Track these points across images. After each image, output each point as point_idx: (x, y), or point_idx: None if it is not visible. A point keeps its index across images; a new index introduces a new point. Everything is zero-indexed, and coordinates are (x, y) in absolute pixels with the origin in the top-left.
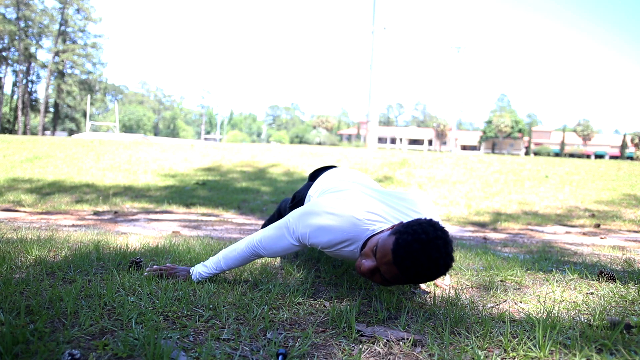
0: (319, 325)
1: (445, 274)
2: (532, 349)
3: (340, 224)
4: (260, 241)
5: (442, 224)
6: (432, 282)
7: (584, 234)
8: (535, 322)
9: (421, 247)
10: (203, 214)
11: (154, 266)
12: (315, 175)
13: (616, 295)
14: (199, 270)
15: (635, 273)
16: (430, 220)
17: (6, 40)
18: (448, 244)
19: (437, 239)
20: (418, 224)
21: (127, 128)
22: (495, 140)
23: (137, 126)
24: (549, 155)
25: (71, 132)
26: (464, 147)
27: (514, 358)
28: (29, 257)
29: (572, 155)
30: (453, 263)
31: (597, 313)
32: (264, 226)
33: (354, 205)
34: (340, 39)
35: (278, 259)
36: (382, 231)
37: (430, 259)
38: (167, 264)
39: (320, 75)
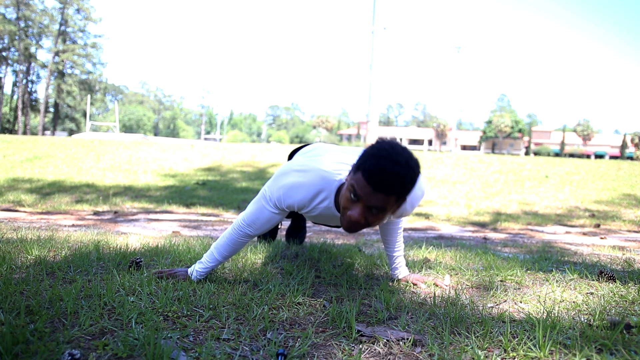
0: (319, 325)
1: (416, 175)
2: (532, 349)
3: (309, 179)
4: (244, 219)
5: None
6: (432, 282)
7: (584, 234)
8: (535, 322)
9: (388, 148)
10: (203, 214)
11: (153, 270)
12: (293, 154)
13: (616, 295)
14: (196, 268)
15: (635, 273)
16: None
17: (6, 40)
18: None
19: (397, 146)
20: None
21: (127, 128)
22: (495, 140)
23: (137, 126)
24: (549, 155)
25: (71, 132)
26: (464, 147)
27: (514, 358)
28: (29, 257)
29: (572, 155)
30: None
31: (597, 313)
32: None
33: (320, 159)
34: (340, 39)
35: (278, 259)
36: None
37: (394, 158)
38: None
39: (320, 75)
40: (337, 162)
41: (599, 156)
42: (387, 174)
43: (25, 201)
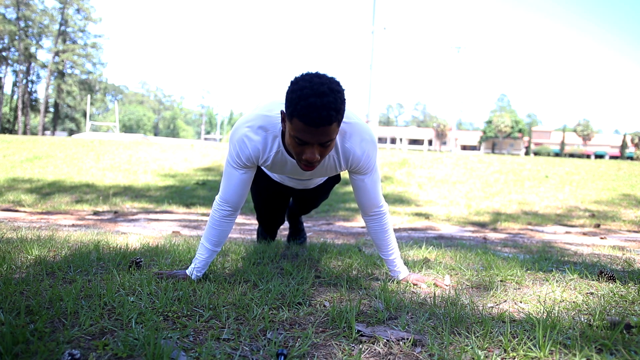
0: (319, 325)
1: (341, 102)
2: (532, 349)
3: (258, 125)
4: (219, 196)
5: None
6: (432, 282)
7: (584, 234)
8: (535, 322)
9: (308, 84)
10: (203, 214)
11: (153, 271)
12: None
13: (616, 295)
14: (193, 266)
15: (635, 273)
16: None
17: (6, 40)
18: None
19: (313, 77)
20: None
21: (127, 128)
22: (495, 140)
23: (137, 126)
24: (549, 155)
25: (71, 132)
26: (464, 147)
27: (514, 358)
28: (29, 257)
29: (572, 155)
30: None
31: (597, 313)
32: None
33: (264, 107)
34: (340, 39)
35: (278, 259)
36: (283, 122)
37: (316, 87)
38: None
39: None
40: (279, 105)
41: (599, 156)
42: (319, 108)
43: (25, 201)
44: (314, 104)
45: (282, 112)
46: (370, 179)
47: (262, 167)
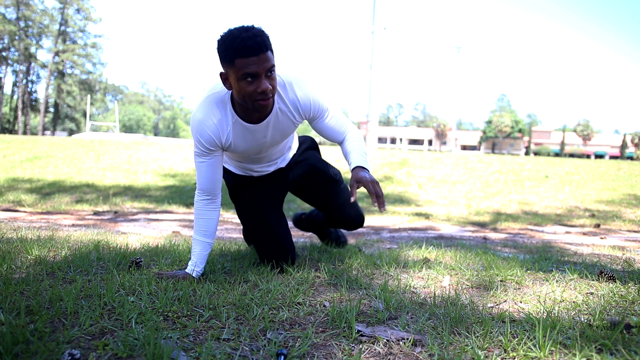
0: (319, 325)
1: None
2: (532, 349)
3: (206, 108)
4: (197, 187)
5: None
6: (368, 182)
7: (584, 234)
8: (535, 322)
9: (231, 29)
10: None
11: (153, 271)
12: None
13: (616, 295)
14: (190, 264)
15: (635, 273)
16: None
17: (6, 40)
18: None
19: (232, 28)
20: None
21: (127, 128)
22: (495, 140)
23: (137, 126)
24: (549, 155)
25: (71, 132)
26: (464, 147)
27: (514, 358)
28: (29, 257)
29: (572, 155)
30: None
31: (597, 313)
32: (244, 236)
33: (208, 91)
34: (340, 39)
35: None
36: (225, 75)
37: (242, 29)
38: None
39: (320, 75)
40: (216, 87)
41: (599, 156)
42: (251, 37)
43: (25, 201)
44: (246, 37)
45: (220, 73)
46: (329, 117)
47: (228, 163)
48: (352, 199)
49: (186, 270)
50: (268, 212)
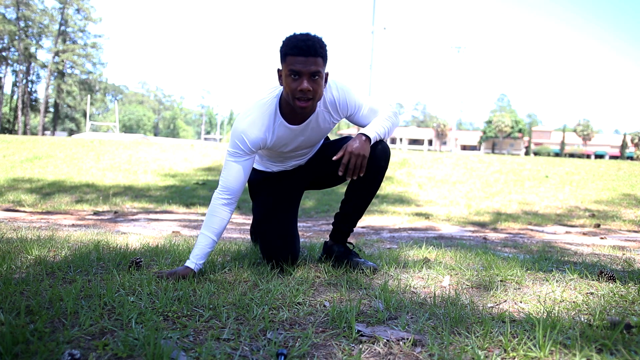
0: (319, 325)
1: (320, 43)
2: (532, 349)
3: (255, 112)
4: (219, 185)
5: None
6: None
7: (584, 234)
8: (535, 322)
9: (294, 35)
10: (203, 214)
11: (153, 271)
12: None
13: (616, 295)
14: (192, 256)
15: (635, 273)
16: None
17: (6, 40)
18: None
19: (297, 33)
20: None
21: (127, 128)
22: (495, 140)
23: (137, 126)
24: (549, 155)
25: (71, 132)
26: (464, 147)
27: (514, 358)
28: (29, 257)
29: (572, 155)
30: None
31: (597, 313)
32: (250, 232)
33: (258, 95)
34: (340, 39)
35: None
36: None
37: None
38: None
39: None
40: (267, 90)
41: (599, 156)
42: (305, 40)
43: (26, 201)
44: (301, 38)
45: (278, 69)
46: (365, 109)
47: (262, 163)
48: (337, 162)
49: (186, 264)
50: (280, 207)
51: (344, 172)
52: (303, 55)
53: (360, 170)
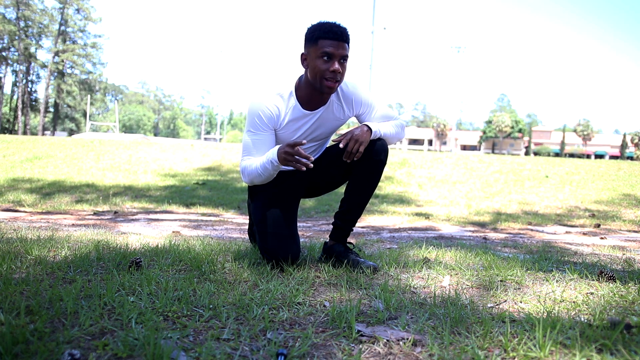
0: (319, 325)
1: (345, 30)
2: (532, 349)
3: (268, 93)
4: (242, 156)
5: None
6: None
7: (584, 234)
8: (535, 322)
9: (322, 21)
10: (203, 214)
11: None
12: None
13: (616, 295)
14: (270, 153)
15: (635, 273)
16: None
17: (6, 40)
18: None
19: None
20: None
21: (127, 128)
22: (495, 140)
23: (137, 126)
24: (549, 155)
25: (71, 132)
26: (464, 147)
27: (514, 358)
28: (29, 257)
29: (572, 155)
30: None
31: (597, 313)
32: (249, 233)
33: (274, 89)
34: None
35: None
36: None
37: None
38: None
39: None
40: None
41: (599, 156)
42: (338, 26)
43: (26, 201)
44: (333, 25)
45: (302, 54)
46: (375, 112)
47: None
48: (341, 145)
49: (271, 158)
50: (280, 207)
51: (347, 156)
52: (336, 40)
53: (356, 155)
